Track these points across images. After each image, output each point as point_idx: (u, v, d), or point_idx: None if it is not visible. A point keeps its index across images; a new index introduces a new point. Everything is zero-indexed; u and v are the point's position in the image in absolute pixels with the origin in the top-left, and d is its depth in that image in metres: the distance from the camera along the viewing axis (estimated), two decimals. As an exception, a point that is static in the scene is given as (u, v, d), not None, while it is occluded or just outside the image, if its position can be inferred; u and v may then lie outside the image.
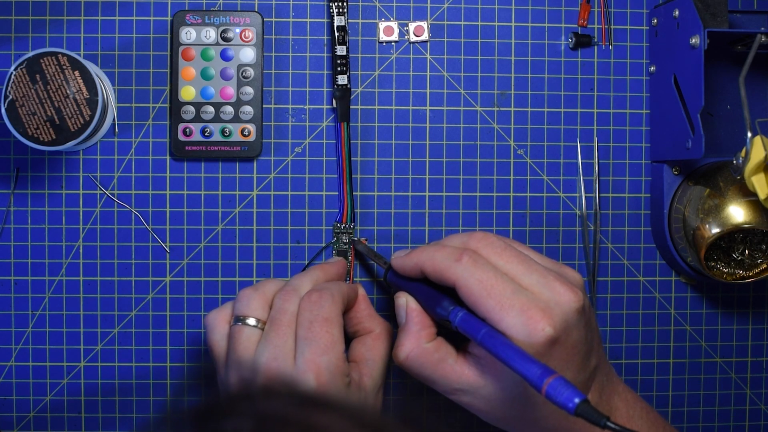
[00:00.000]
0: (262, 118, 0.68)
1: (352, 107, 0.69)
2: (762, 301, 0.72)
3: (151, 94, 0.68)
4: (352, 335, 0.64)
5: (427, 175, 0.70)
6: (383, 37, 0.69)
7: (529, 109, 0.71)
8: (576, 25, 0.71)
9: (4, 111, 0.60)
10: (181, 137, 0.67)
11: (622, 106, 0.71)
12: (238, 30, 0.67)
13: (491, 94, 0.70)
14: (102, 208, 0.68)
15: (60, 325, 0.68)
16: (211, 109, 0.67)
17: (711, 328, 0.72)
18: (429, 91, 0.70)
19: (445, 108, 0.70)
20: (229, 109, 0.67)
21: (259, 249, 0.69)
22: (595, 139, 0.71)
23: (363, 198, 0.69)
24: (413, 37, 0.70)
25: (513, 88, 0.70)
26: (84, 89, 0.61)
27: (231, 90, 0.67)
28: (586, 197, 0.71)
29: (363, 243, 0.68)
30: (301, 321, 0.58)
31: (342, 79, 0.68)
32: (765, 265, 0.66)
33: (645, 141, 0.71)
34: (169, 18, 0.68)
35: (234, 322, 0.60)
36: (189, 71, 0.67)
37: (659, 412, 0.66)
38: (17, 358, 0.68)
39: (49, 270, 0.68)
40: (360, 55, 0.69)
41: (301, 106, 0.69)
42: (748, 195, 0.64)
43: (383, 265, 0.65)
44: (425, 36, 0.70)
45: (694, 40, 0.63)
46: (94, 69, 0.64)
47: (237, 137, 0.68)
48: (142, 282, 0.69)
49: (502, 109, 0.70)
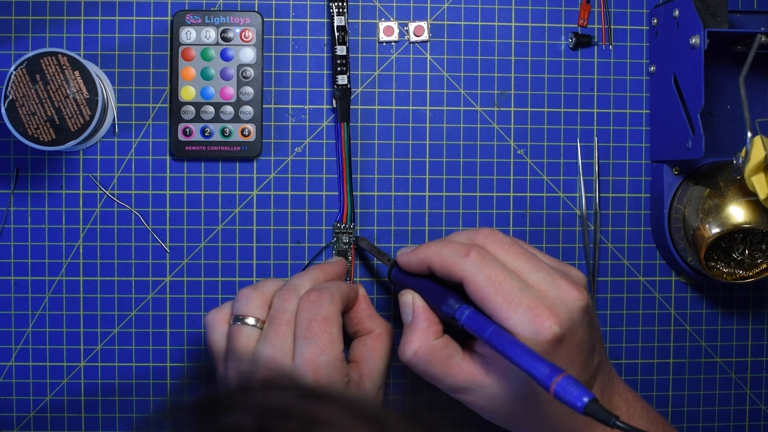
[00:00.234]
0: (262, 118, 0.68)
1: (352, 107, 0.69)
2: (762, 301, 0.72)
3: (151, 94, 0.68)
4: (353, 335, 0.64)
5: (427, 175, 0.70)
6: (383, 37, 0.69)
7: (529, 109, 0.71)
8: (576, 25, 0.71)
9: (4, 111, 0.60)
10: (181, 137, 0.67)
11: (622, 106, 0.71)
12: (238, 30, 0.67)
13: (491, 94, 0.70)
14: (102, 208, 0.68)
15: (60, 325, 0.68)
16: (211, 109, 0.67)
17: (711, 328, 0.72)
18: (429, 91, 0.70)
19: (445, 108, 0.70)
20: (229, 109, 0.67)
21: (259, 249, 0.69)
22: (595, 139, 0.71)
23: (363, 198, 0.69)
24: (413, 37, 0.70)
25: (513, 88, 0.70)
26: (84, 89, 0.61)
27: (231, 90, 0.67)
28: (586, 197, 0.71)
29: (366, 240, 0.68)
30: (300, 320, 0.58)
31: (342, 79, 0.68)
32: (765, 265, 0.66)
33: (645, 141, 0.71)
34: (169, 18, 0.68)
35: (233, 321, 0.60)
36: (189, 71, 0.67)
37: (659, 412, 0.66)
38: (17, 358, 0.68)
39: (49, 270, 0.68)
40: (360, 55, 0.69)
41: (301, 106, 0.69)
42: (748, 195, 0.64)
43: (387, 263, 0.65)
44: (425, 36, 0.70)
45: (694, 40, 0.63)
46: (94, 69, 0.64)
47: (237, 137, 0.68)
48: (142, 282, 0.69)
49: (502, 109, 0.70)
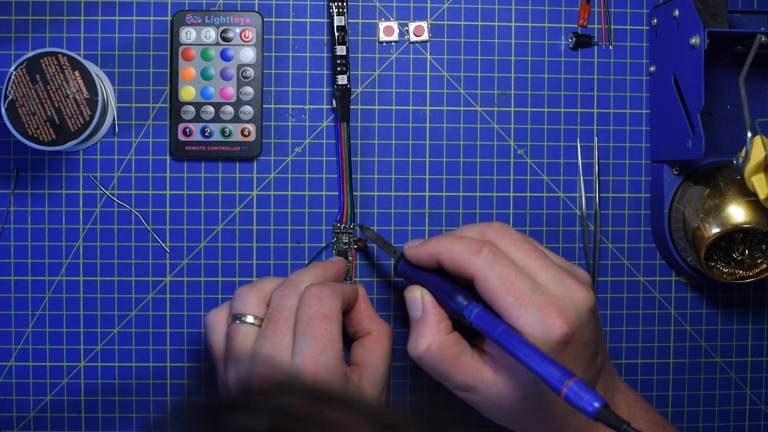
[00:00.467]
0: (262, 118, 0.68)
1: (352, 107, 0.69)
2: (762, 301, 0.72)
3: (151, 94, 0.68)
4: (352, 336, 0.64)
5: (427, 175, 0.70)
6: (383, 37, 0.69)
7: (529, 109, 0.71)
8: (576, 25, 0.71)
9: (4, 111, 0.60)
10: (181, 137, 0.67)
11: (622, 106, 0.71)
12: (238, 30, 0.67)
13: (491, 94, 0.70)
14: (102, 208, 0.68)
15: (60, 325, 0.68)
16: (211, 109, 0.67)
17: (711, 328, 0.72)
18: (429, 91, 0.70)
19: (445, 108, 0.70)
20: (229, 109, 0.67)
21: (259, 249, 0.69)
22: (595, 139, 0.71)
23: (363, 198, 0.69)
24: (413, 37, 0.70)
25: (513, 88, 0.70)
26: (84, 89, 0.61)
27: (231, 90, 0.67)
28: (586, 197, 0.71)
29: (371, 230, 0.67)
30: (300, 317, 0.58)
31: (342, 79, 0.68)
32: (765, 265, 0.66)
33: (645, 141, 0.71)
34: (169, 18, 0.68)
35: (231, 320, 0.60)
36: (189, 71, 0.67)
37: (659, 412, 0.66)
38: (17, 358, 0.68)
39: (49, 270, 0.68)
40: (360, 55, 0.69)
41: (301, 106, 0.69)
42: (748, 195, 0.64)
43: (393, 255, 0.64)
44: (425, 36, 0.70)
45: (694, 40, 0.63)
46: (94, 69, 0.64)
47: (237, 137, 0.68)
48: (142, 282, 0.69)
49: (502, 109, 0.70)
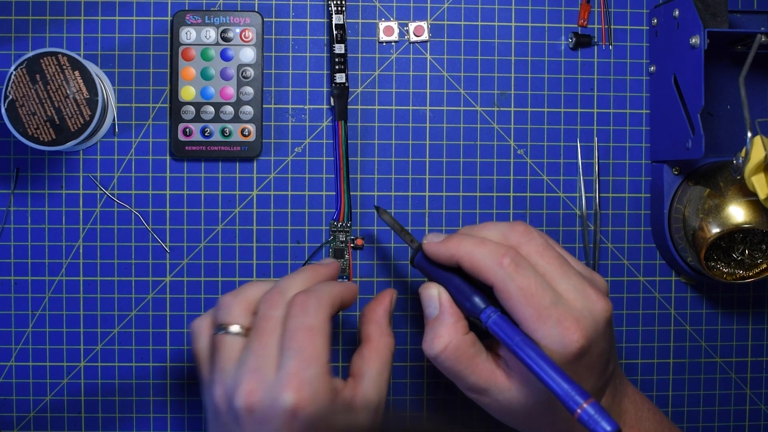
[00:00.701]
0: (262, 118, 0.68)
1: (352, 107, 0.69)
2: (762, 301, 0.72)
3: (151, 94, 0.68)
4: (358, 338, 0.63)
5: (427, 175, 0.70)
6: (383, 37, 0.69)
7: (529, 109, 0.71)
8: (576, 25, 0.71)
9: (4, 111, 0.60)
10: (181, 137, 0.67)
11: (622, 106, 0.71)
12: (238, 30, 0.67)
13: (491, 94, 0.70)
14: (102, 208, 0.68)
15: (60, 325, 0.68)
16: (211, 109, 0.67)
17: (711, 328, 0.72)
18: (429, 91, 0.70)
19: (445, 108, 0.70)
20: (229, 109, 0.67)
21: (259, 249, 0.69)
22: (595, 139, 0.71)
23: (363, 198, 0.69)
24: (413, 37, 0.70)
25: (513, 88, 0.70)
26: (84, 89, 0.61)
27: (231, 90, 0.67)
28: (586, 197, 0.71)
29: (389, 214, 0.64)
30: (286, 328, 0.55)
31: (340, 78, 0.68)
32: (765, 265, 0.66)
33: (645, 141, 0.71)
34: (169, 18, 0.68)
35: (215, 331, 0.57)
36: (189, 71, 0.67)
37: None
38: (17, 358, 0.68)
39: (49, 270, 0.68)
40: (360, 55, 0.69)
41: (301, 106, 0.69)
42: (748, 195, 0.64)
43: (410, 244, 0.62)
44: (425, 36, 0.70)
45: (694, 40, 0.63)
46: (94, 69, 0.64)
47: (237, 137, 0.68)
48: (142, 282, 0.69)
49: (502, 109, 0.70)
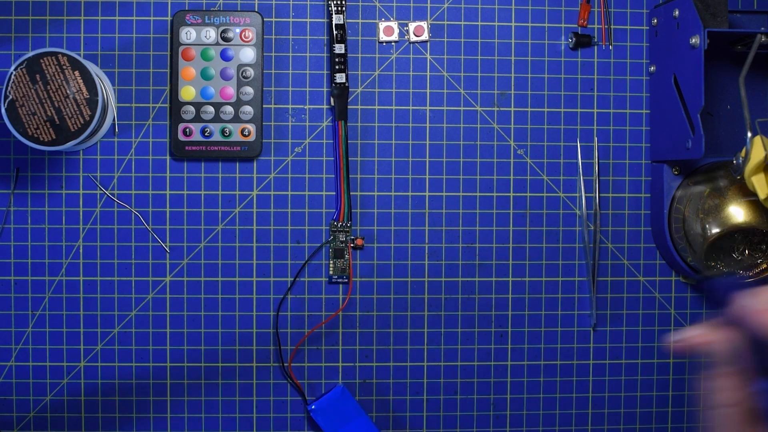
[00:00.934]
0: (262, 118, 0.68)
1: (352, 107, 0.69)
2: (762, 301, 0.72)
3: (151, 94, 0.68)
4: None
5: (427, 175, 0.70)
6: (383, 37, 0.69)
7: (529, 109, 0.71)
8: (576, 25, 0.71)
9: (4, 111, 0.60)
10: (181, 137, 0.67)
11: (622, 106, 0.71)
12: (238, 30, 0.67)
13: (491, 94, 0.70)
14: (102, 208, 0.68)
15: (60, 325, 0.68)
16: (211, 109, 0.67)
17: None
18: (429, 91, 0.70)
19: (445, 108, 0.70)
20: (229, 109, 0.67)
21: (259, 249, 0.69)
22: (595, 139, 0.71)
23: (363, 198, 0.69)
24: (413, 37, 0.70)
25: (513, 88, 0.70)
26: (84, 89, 0.61)
27: (231, 90, 0.67)
28: (586, 197, 0.71)
29: None
30: None
31: (340, 78, 0.68)
32: (765, 265, 0.66)
33: (645, 141, 0.71)
34: (169, 18, 0.68)
35: None
36: (189, 71, 0.67)
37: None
38: (17, 358, 0.68)
39: (49, 270, 0.68)
40: (360, 55, 0.69)
41: (301, 106, 0.69)
42: (748, 195, 0.64)
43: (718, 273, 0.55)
44: (425, 36, 0.70)
45: (694, 40, 0.63)
46: (94, 69, 0.64)
47: (237, 137, 0.68)
48: (142, 282, 0.69)
49: (502, 109, 0.70)
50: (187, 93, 0.67)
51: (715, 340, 0.45)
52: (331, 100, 0.68)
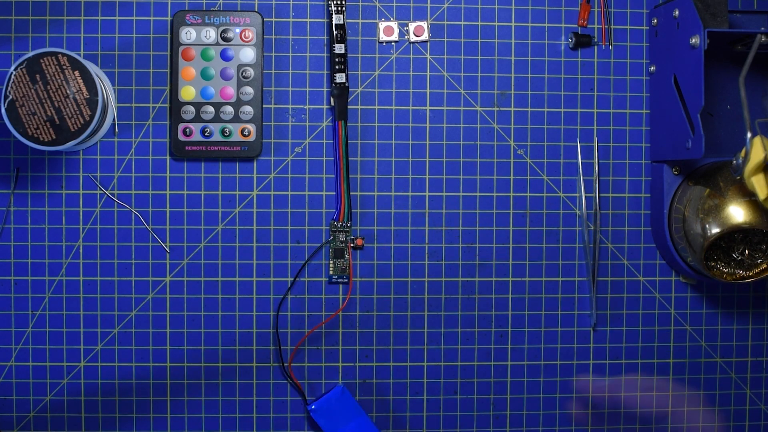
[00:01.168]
0: (262, 118, 0.68)
1: (352, 107, 0.69)
2: (762, 301, 0.72)
3: (151, 94, 0.68)
4: None
5: (427, 175, 0.70)
6: (383, 37, 0.69)
7: (529, 109, 0.71)
8: (576, 25, 0.71)
9: (4, 111, 0.60)
10: (181, 137, 0.68)
11: (622, 106, 0.71)
12: (238, 30, 0.67)
13: (491, 94, 0.70)
14: (102, 208, 0.68)
15: (60, 325, 0.68)
16: (211, 109, 0.67)
17: (711, 328, 0.72)
18: (429, 91, 0.70)
19: (445, 108, 0.70)
20: (229, 109, 0.67)
21: (259, 249, 0.69)
22: (595, 139, 0.71)
23: (363, 198, 0.70)
24: (413, 37, 0.70)
25: (513, 88, 0.70)
26: (84, 89, 0.61)
27: (231, 90, 0.67)
28: (586, 197, 0.71)
29: None
30: None
31: (340, 78, 0.68)
32: (765, 265, 0.66)
33: (645, 141, 0.71)
34: (169, 18, 0.68)
35: None
36: (189, 71, 0.67)
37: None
38: (17, 358, 0.68)
39: (49, 270, 0.68)
40: (360, 55, 0.69)
41: (301, 106, 0.69)
42: (748, 195, 0.64)
43: None
44: (425, 36, 0.70)
45: (694, 40, 0.63)
46: (94, 69, 0.64)
47: (237, 137, 0.68)
48: (142, 282, 0.69)
49: (502, 109, 0.70)
50: (187, 93, 0.67)
51: None
52: (331, 100, 0.68)
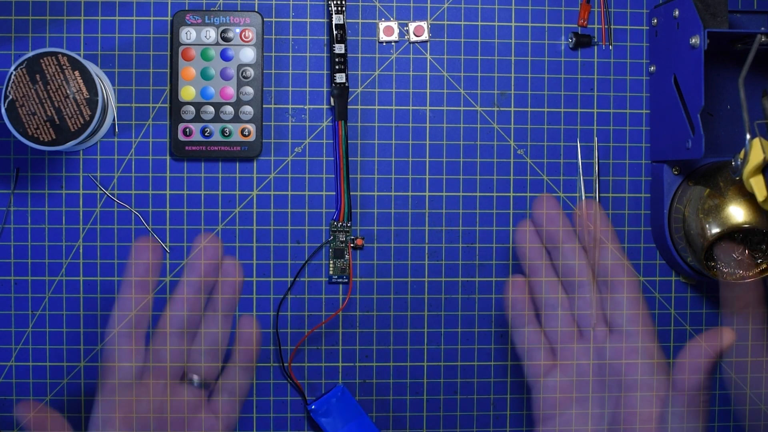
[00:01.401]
0: (262, 118, 0.68)
1: (352, 107, 0.69)
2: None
3: (151, 94, 0.68)
4: None
5: (427, 175, 0.70)
6: (383, 37, 0.69)
7: (529, 109, 0.71)
8: (576, 25, 0.71)
9: (4, 111, 0.61)
10: (181, 137, 0.68)
11: (622, 106, 0.71)
12: (238, 30, 0.67)
13: (491, 94, 0.70)
14: (102, 208, 0.68)
15: (60, 325, 0.68)
16: (211, 109, 0.67)
17: (711, 328, 0.72)
18: (429, 91, 0.70)
19: (445, 108, 0.70)
20: (229, 109, 0.67)
21: (259, 249, 0.69)
22: (595, 139, 0.71)
23: (363, 198, 0.69)
24: (413, 37, 0.70)
25: (513, 88, 0.70)
26: (84, 89, 0.61)
27: (231, 90, 0.67)
28: (586, 197, 0.71)
29: None
30: None
31: (340, 78, 0.68)
32: (765, 265, 0.66)
33: (645, 141, 0.71)
34: (169, 18, 0.68)
35: None
36: (189, 71, 0.67)
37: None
38: (17, 358, 0.68)
39: (49, 270, 0.68)
40: (360, 55, 0.69)
41: (301, 106, 0.69)
42: (748, 195, 0.64)
43: None
44: (425, 36, 0.70)
45: (694, 40, 0.63)
46: (94, 69, 0.64)
47: (237, 137, 0.68)
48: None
49: (502, 109, 0.70)
50: (187, 93, 0.67)
51: None
52: (331, 100, 0.68)
